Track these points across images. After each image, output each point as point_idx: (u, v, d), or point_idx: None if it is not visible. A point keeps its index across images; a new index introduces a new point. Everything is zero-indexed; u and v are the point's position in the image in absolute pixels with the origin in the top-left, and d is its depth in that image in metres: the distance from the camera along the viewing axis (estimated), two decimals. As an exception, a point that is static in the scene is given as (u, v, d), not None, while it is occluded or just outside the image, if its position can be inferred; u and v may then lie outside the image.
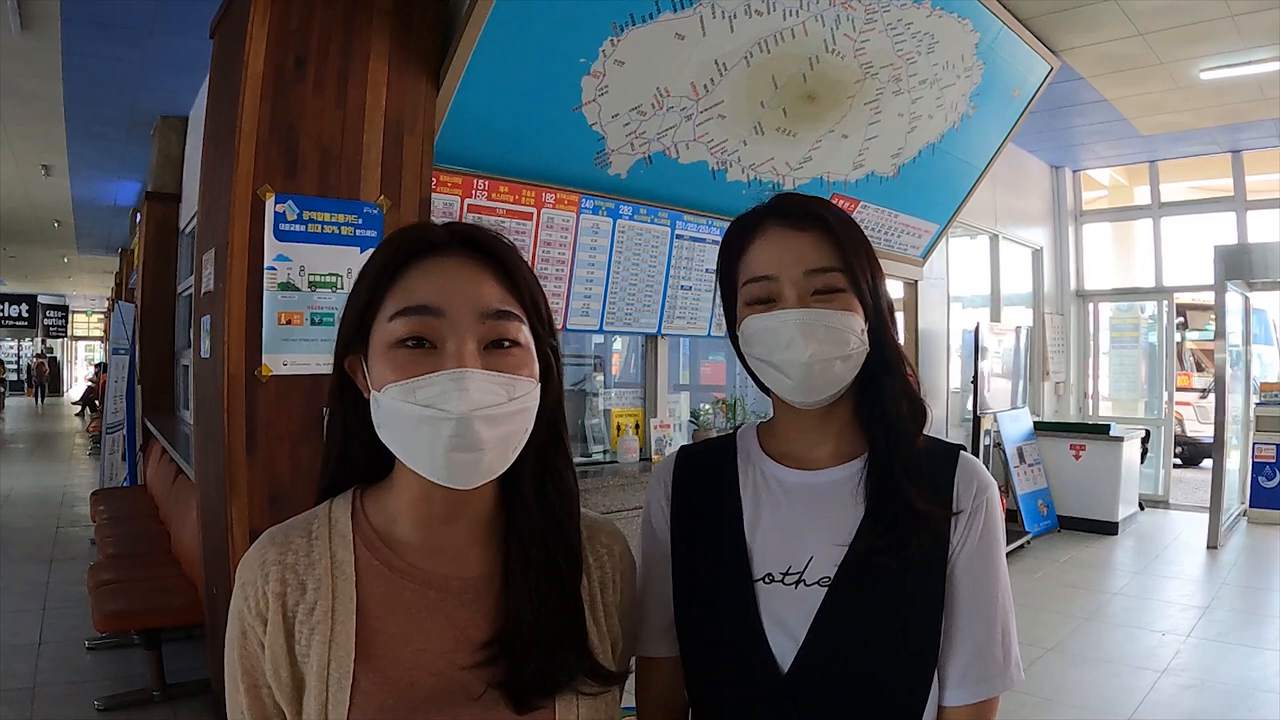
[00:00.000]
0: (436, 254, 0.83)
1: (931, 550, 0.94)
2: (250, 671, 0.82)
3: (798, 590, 0.94)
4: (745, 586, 0.96)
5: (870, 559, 0.92)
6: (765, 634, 0.94)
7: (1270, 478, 6.92)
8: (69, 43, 4.71)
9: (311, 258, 2.77)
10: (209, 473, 2.94)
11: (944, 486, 0.96)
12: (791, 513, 0.98)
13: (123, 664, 3.73)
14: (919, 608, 0.93)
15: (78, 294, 22.29)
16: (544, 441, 0.87)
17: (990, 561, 0.95)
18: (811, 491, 0.98)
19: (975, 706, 0.94)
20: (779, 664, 0.93)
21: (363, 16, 2.86)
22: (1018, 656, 0.96)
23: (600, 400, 4.53)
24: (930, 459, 0.98)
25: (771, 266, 0.95)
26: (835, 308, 0.93)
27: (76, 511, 7.22)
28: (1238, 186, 7.67)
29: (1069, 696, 3.57)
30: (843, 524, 0.95)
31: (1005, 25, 4.52)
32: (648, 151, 3.77)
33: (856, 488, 0.96)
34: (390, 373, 0.79)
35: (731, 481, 1.02)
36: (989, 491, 0.97)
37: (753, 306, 0.97)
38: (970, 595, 0.94)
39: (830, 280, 0.94)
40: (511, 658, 0.82)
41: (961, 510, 0.95)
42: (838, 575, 0.93)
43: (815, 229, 0.96)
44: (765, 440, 1.05)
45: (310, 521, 0.87)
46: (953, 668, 0.94)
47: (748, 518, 0.99)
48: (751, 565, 0.96)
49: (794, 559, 0.95)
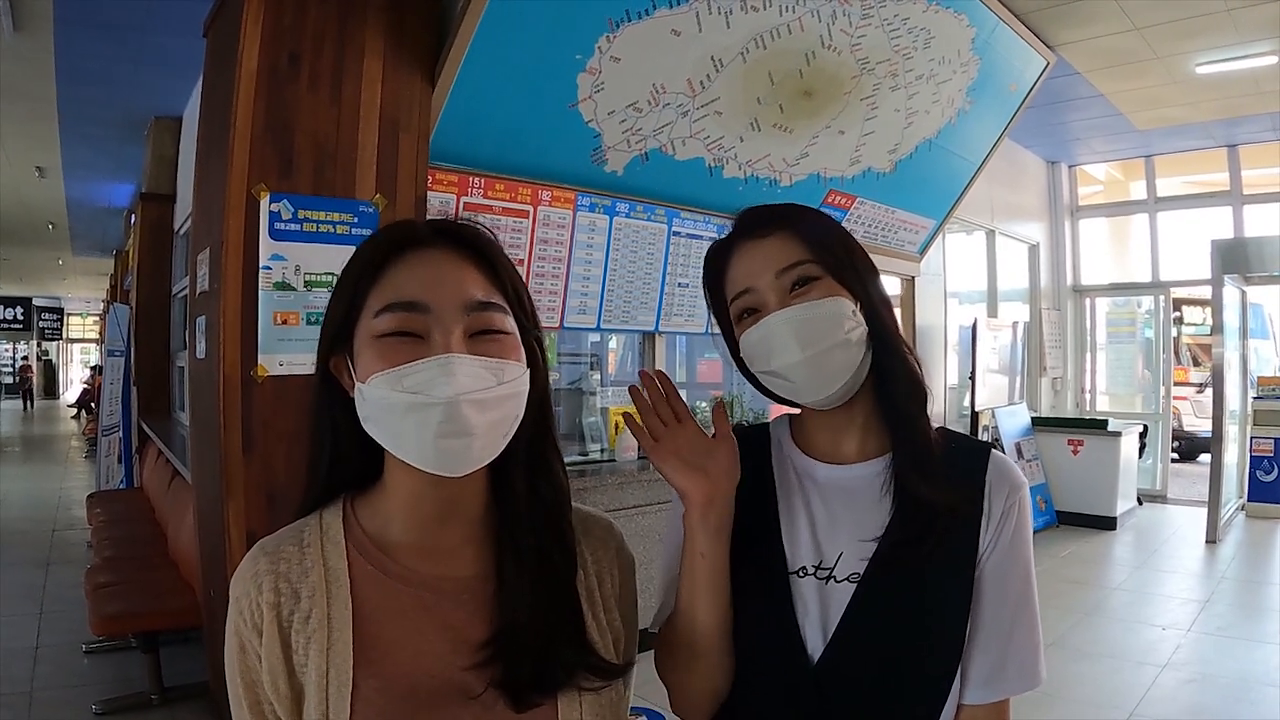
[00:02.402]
0: (418, 248, 0.82)
1: (961, 549, 0.93)
2: (252, 687, 0.81)
3: (828, 586, 0.94)
4: (781, 579, 0.96)
5: (897, 555, 0.92)
6: (799, 626, 0.94)
7: (1268, 472, 6.93)
8: (62, 43, 4.69)
9: (307, 257, 2.75)
10: (205, 474, 2.93)
11: (976, 486, 0.96)
12: (822, 508, 0.98)
13: (120, 667, 3.71)
14: (947, 606, 0.93)
15: (73, 296, 22.22)
16: (532, 434, 0.86)
17: (1021, 563, 0.96)
18: (841, 487, 0.99)
19: (994, 705, 0.95)
20: (809, 656, 0.93)
21: (357, 13, 2.85)
22: (1042, 657, 0.97)
23: (597, 398, 4.53)
24: (961, 458, 0.97)
25: (747, 279, 0.96)
26: (815, 296, 0.93)
27: (73, 514, 7.19)
28: (1234, 181, 7.68)
29: (1070, 691, 3.56)
30: (872, 521, 0.95)
31: (1001, 20, 4.51)
32: (644, 148, 3.76)
33: (885, 484, 0.96)
34: (376, 362, 0.78)
35: (767, 472, 1.02)
36: (1021, 492, 0.97)
37: (743, 322, 0.98)
38: (1000, 596, 0.94)
39: (803, 272, 0.94)
40: (509, 656, 0.81)
41: (993, 510, 0.95)
42: (867, 572, 0.93)
43: (777, 231, 0.97)
44: (797, 433, 1.05)
45: (301, 530, 0.85)
46: (977, 667, 0.94)
47: (781, 509, 0.99)
48: (787, 557, 0.97)
49: (825, 554, 0.96)
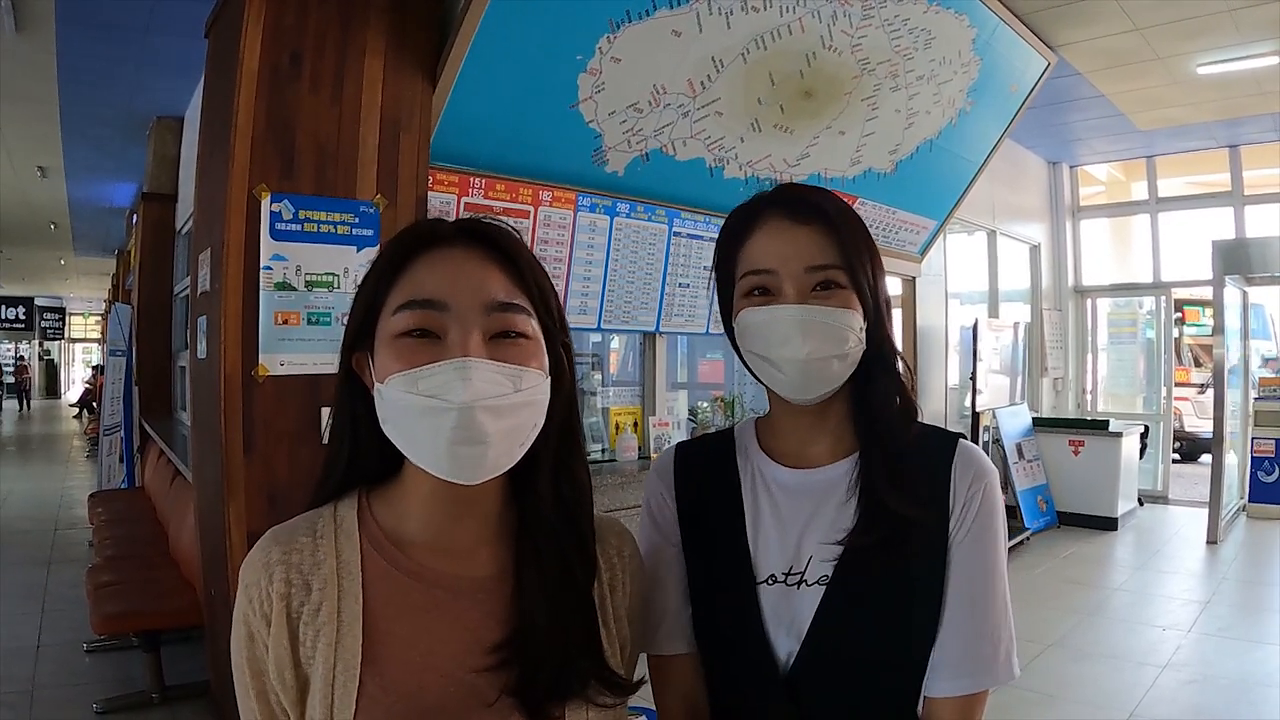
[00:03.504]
0: (441, 247, 0.81)
1: (929, 545, 0.92)
2: (259, 675, 0.80)
3: (800, 590, 0.93)
4: (748, 589, 0.95)
5: (864, 557, 0.91)
6: (768, 635, 0.93)
7: (1269, 473, 6.92)
8: (64, 44, 4.69)
9: (308, 257, 2.75)
10: (207, 474, 2.93)
11: (940, 477, 0.94)
12: (790, 513, 0.97)
13: (121, 666, 3.71)
14: (918, 603, 0.91)
15: (75, 296, 22.21)
16: (558, 440, 0.85)
17: (983, 550, 0.93)
18: (808, 491, 0.97)
19: (961, 700, 0.91)
20: (780, 663, 0.93)
21: (358, 13, 2.85)
22: (1010, 652, 0.93)
23: (599, 398, 4.53)
24: (927, 449, 0.96)
25: (772, 260, 0.93)
26: (835, 305, 0.92)
27: (74, 514, 7.19)
28: (1235, 181, 7.67)
29: (1071, 692, 3.56)
30: (839, 522, 0.93)
31: (1002, 20, 4.51)
32: (645, 149, 3.76)
33: (851, 485, 0.95)
34: (394, 363, 0.77)
35: (732, 480, 1.01)
36: (986, 479, 0.94)
37: (750, 298, 0.95)
38: (962, 585, 0.92)
39: (831, 277, 0.92)
40: (525, 662, 0.79)
41: (957, 498, 0.93)
42: (835, 574, 0.92)
43: (817, 223, 0.93)
44: (763, 437, 1.04)
45: (315, 521, 0.84)
46: (939, 658, 0.91)
47: (749, 518, 0.98)
48: (755, 567, 0.96)
49: (795, 559, 0.95)
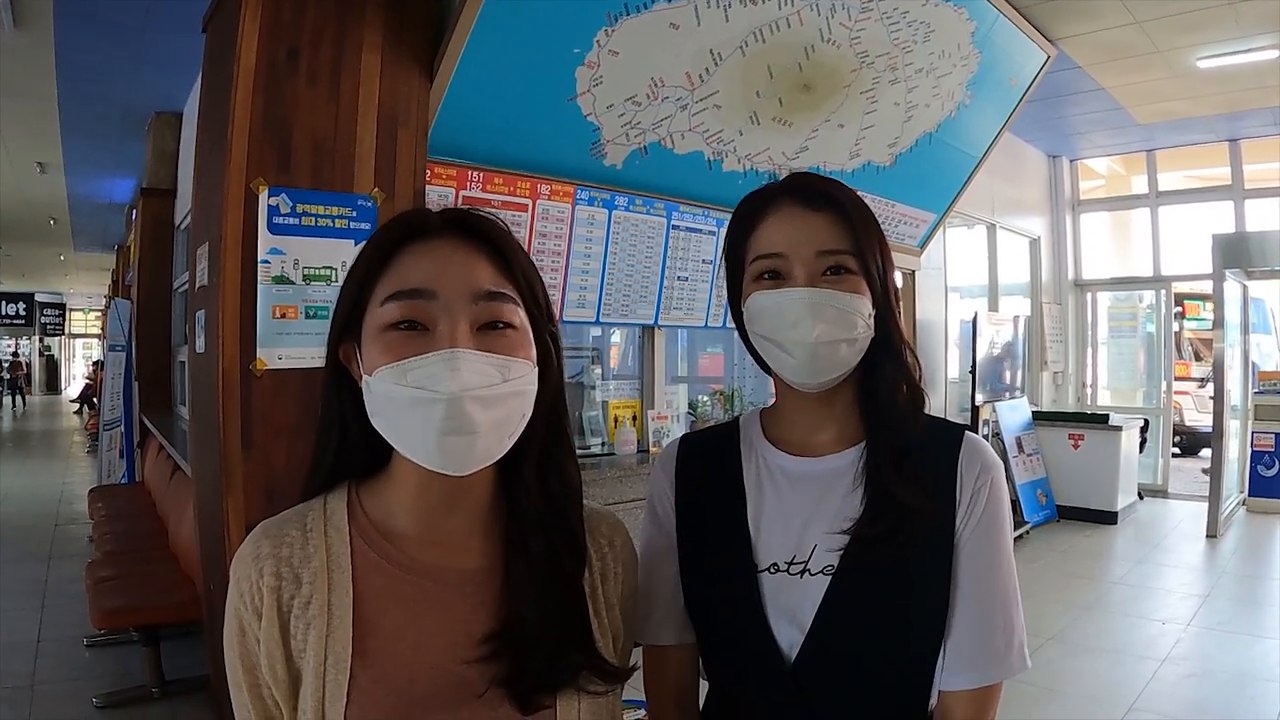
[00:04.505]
0: (428, 237, 0.82)
1: (935, 536, 0.92)
2: (251, 670, 0.80)
3: (803, 580, 0.93)
4: (749, 578, 0.95)
5: (870, 547, 0.91)
6: (770, 625, 0.93)
7: (1269, 466, 6.92)
8: (62, 39, 4.68)
9: (305, 251, 2.75)
10: (205, 468, 2.93)
11: (947, 469, 0.94)
12: (795, 501, 0.97)
13: (121, 661, 3.72)
14: (924, 594, 0.91)
15: (75, 291, 22.21)
16: (544, 431, 0.86)
17: (991, 542, 0.93)
18: (814, 480, 0.97)
19: (974, 693, 0.91)
20: (785, 653, 0.92)
21: (355, 8, 2.84)
22: (1022, 643, 0.93)
23: (598, 392, 4.53)
24: (933, 441, 0.96)
25: (783, 244, 0.94)
26: (845, 289, 0.92)
27: (74, 509, 7.20)
28: (1235, 175, 7.66)
29: (1070, 686, 3.57)
30: (844, 512, 0.93)
31: (1001, 13, 4.50)
32: (643, 142, 3.75)
33: (858, 475, 0.95)
34: (381, 355, 0.77)
35: (735, 470, 1.01)
36: (992, 472, 0.95)
37: (760, 282, 0.96)
38: (970, 577, 0.92)
39: (841, 262, 0.93)
40: (515, 653, 0.80)
41: (964, 490, 0.94)
42: (840, 564, 0.92)
43: (829, 209, 0.95)
44: (768, 426, 1.04)
45: (305, 514, 0.85)
46: (951, 652, 0.92)
47: (751, 507, 0.98)
48: (756, 556, 0.96)
49: (799, 548, 0.94)
